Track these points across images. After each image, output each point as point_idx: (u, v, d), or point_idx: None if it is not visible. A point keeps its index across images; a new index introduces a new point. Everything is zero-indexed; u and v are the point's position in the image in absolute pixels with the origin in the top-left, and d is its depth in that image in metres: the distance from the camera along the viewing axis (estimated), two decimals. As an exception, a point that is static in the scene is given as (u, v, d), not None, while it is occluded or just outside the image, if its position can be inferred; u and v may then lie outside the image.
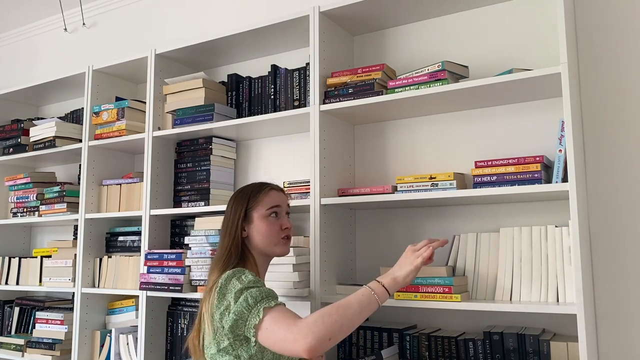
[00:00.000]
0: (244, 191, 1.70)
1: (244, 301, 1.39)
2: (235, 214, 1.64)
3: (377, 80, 1.94)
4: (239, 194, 1.70)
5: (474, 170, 1.75)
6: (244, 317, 1.38)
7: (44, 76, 2.98)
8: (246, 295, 1.40)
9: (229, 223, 1.64)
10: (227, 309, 1.41)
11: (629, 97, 1.76)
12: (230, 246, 1.59)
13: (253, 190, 1.68)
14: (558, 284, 1.64)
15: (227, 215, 1.67)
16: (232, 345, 1.41)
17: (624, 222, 1.72)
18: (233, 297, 1.40)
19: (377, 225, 2.12)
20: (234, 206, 1.67)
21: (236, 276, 1.46)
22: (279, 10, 2.47)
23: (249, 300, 1.39)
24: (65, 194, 2.73)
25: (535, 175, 1.65)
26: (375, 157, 2.16)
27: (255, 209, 1.64)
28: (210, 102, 2.30)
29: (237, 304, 1.39)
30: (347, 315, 1.34)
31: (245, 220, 1.64)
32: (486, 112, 1.96)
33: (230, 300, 1.41)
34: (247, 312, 1.38)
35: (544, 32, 1.88)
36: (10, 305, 3.02)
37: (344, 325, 1.33)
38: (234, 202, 1.68)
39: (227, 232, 1.63)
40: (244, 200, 1.66)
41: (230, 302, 1.40)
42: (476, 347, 1.72)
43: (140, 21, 3.03)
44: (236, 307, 1.39)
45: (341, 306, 1.35)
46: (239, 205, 1.65)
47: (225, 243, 1.61)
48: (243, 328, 1.39)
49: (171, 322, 2.40)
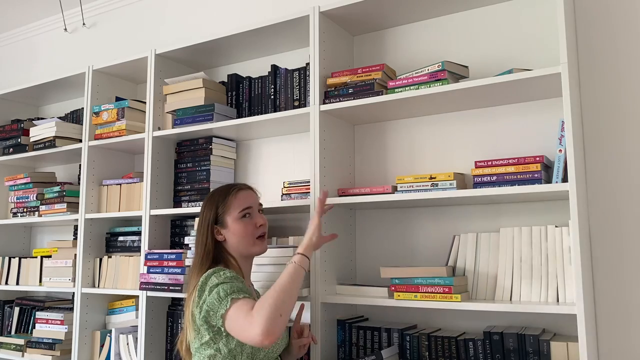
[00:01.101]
0: (213, 196, 1.74)
1: (216, 294, 1.48)
2: (205, 221, 1.70)
3: (377, 80, 1.94)
4: (208, 200, 1.74)
5: (474, 170, 1.75)
6: (215, 308, 1.47)
7: (44, 76, 2.98)
8: (219, 289, 1.49)
9: (200, 229, 1.70)
10: (204, 301, 1.50)
11: (629, 97, 1.76)
12: (203, 252, 1.67)
13: (221, 194, 1.72)
14: (558, 284, 1.64)
15: (200, 220, 1.72)
16: (213, 339, 1.51)
17: (624, 222, 1.72)
18: (208, 291, 1.50)
19: (377, 225, 2.12)
20: (204, 212, 1.71)
21: (215, 273, 1.54)
22: (279, 10, 2.47)
23: (220, 292, 1.48)
24: (65, 194, 2.73)
25: (535, 175, 1.65)
26: (375, 157, 2.16)
27: (227, 213, 1.69)
28: (210, 102, 2.30)
29: (210, 297, 1.49)
30: (284, 289, 1.47)
31: (220, 225, 1.69)
32: (486, 112, 1.96)
33: (207, 294, 1.50)
34: (217, 303, 1.47)
35: (544, 32, 1.88)
36: (10, 305, 3.02)
37: (285, 299, 1.46)
38: (204, 208, 1.72)
39: (199, 238, 1.70)
40: (212, 206, 1.71)
41: (207, 296, 1.50)
42: (476, 347, 1.72)
43: (140, 21, 3.03)
44: (210, 299, 1.48)
45: (277, 285, 1.49)
46: (209, 211, 1.70)
47: (199, 250, 1.68)
48: (214, 318, 1.48)
49: (171, 322, 2.40)
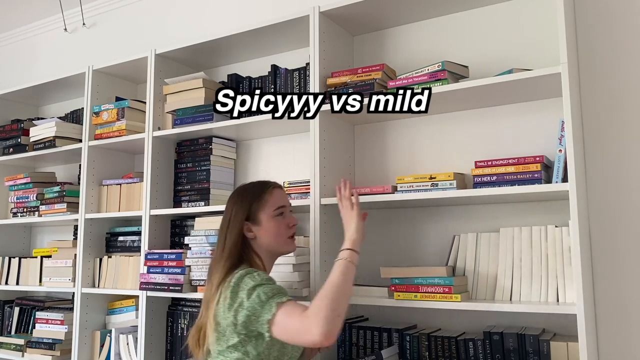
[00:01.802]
0: (245, 192, 1.69)
1: (257, 297, 1.42)
2: (237, 216, 1.64)
3: (377, 80, 1.94)
4: (241, 195, 1.68)
5: (474, 170, 1.75)
6: (257, 313, 1.42)
7: (44, 76, 2.98)
8: (258, 292, 1.43)
9: (229, 224, 1.64)
10: (240, 305, 1.44)
11: (629, 97, 1.76)
12: (232, 247, 1.60)
13: (255, 191, 1.68)
14: (558, 284, 1.64)
15: (228, 216, 1.66)
16: (242, 342, 1.46)
17: (624, 222, 1.72)
18: (246, 294, 1.44)
19: (377, 225, 2.12)
20: (235, 207, 1.65)
21: (248, 275, 1.49)
22: (279, 10, 2.47)
23: (261, 296, 1.43)
24: (65, 194, 2.73)
25: (535, 175, 1.65)
26: (375, 157, 2.16)
27: (262, 210, 1.64)
28: (210, 102, 2.30)
29: (249, 301, 1.43)
30: (339, 288, 1.43)
31: (252, 222, 1.64)
32: (486, 112, 1.96)
33: (243, 297, 1.44)
34: (259, 308, 1.42)
35: (544, 32, 1.88)
36: (10, 305, 3.02)
37: (341, 298, 1.41)
38: (235, 203, 1.67)
39: (228, 233, 1.63)
40: (246, 202, 1.65)
41: (243, 299, 1.44)
42: (476, 347, 1.72)
43: (140, 21, 3.03)
44: (249, 303, 1.42)
45: (331, 284, 1.44)
46: (241, 206, 1.65)
47: (227, 244, 1.61)
48: (256, 324, 1.42)
49: (171, 322, 2.40)
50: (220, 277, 1.54)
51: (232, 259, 1.58)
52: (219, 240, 1.65)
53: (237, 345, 1.46)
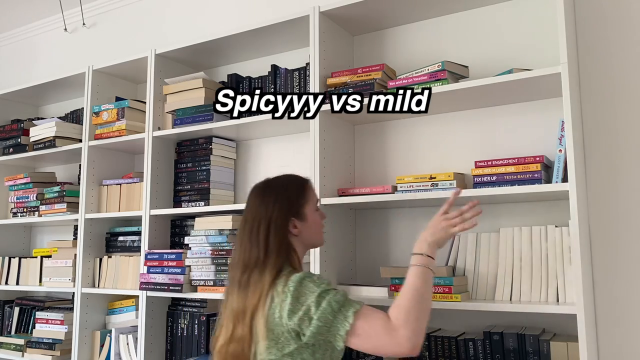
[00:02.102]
0: (283, 188, 1.54)
1: (328, 306, 1.32)
2: (281, 212, 1.49)
3: (377, 80, 1.94)
4: (281, 190, 1.53)
5: (474, 170, 1.75)
6: (329, 322, 1.32)
7: (44, 76, 2.98)
8: (329, 300, 1.33)
9: (271, 222, 1.47)
10: (306, 314, 1.32)
11: (629, 97, 1.76)
12: (279, 247, 1.46)
13: (298, 185, 1.56)
14: (558, 284, 1.64)
15: (268, 213, 1.48)
16: (299, 350, 1.35)
17: (624, 222, 1.72)
18: (314, 302, 1.32)
19: (377, 225, 2.12)
20: (276, 203, 1.50)
21: (308, 278, 1.38)
22: (279, 10, 2.47)
23: (332, 305, 1.32)
24: (65, 194, 2.73)
25: (535, 175, 1.65)
26: (375, 157, 2.16)
27: (307, 204, 1.54)
28: (210, 102, 2.30)
29: (320, 310, 1.32)
30: (424, 299, 1.35)
31: (298, 217, 1.51)
32: (486, 112, 1.96)
33: (311, 305, 1.33)
34: (332, 317, 1.31)
35: (544, 32, 1.88)
36: (10, 305, 3.02)
37: (426, 309, 1.34)
38: (276, 199, 1.50)
39: (272, 231, 1.46)
40: (286, 198, 1.52)
41: (311, 307, 1.32)
42: (476, 347, 1.72)
43: (140, 21, 3.03)
44: (320, 313, 1.32)
45: (415, 294, 1.35)
46: (283, 202, 1.50)
47: (272, 244, 1.45)
48: (327, 334, 1.32)
49: (171, 322, 2.40)
50: (269, 283, 1.39)
51: (280, 261, 1.43)
52: (253, 241, 1.46)
53: (293, 353, 1.35)
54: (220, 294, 2.09)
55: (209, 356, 2.25)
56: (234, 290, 1.45)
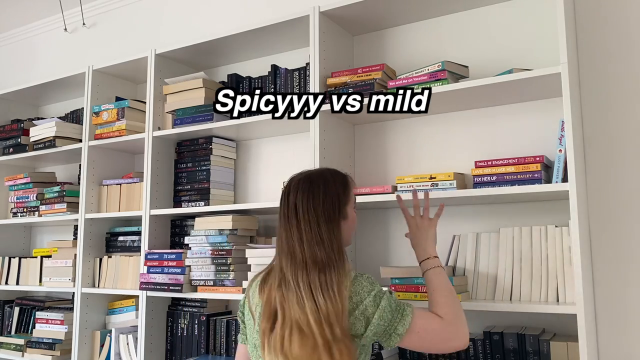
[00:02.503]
0: (329, 184, 1.43)
1: (388, 305, 1.31)
2: (333, 210, 1.39)
3: (377, 80, 1.94)
4: (329, 189, 1.42)
5: (474, 170, 1.75)
6: (387, 321, 1.31)
7: (44, 76, 2.98)
8: (387, 299, 1.32)
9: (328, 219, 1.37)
10: (363, 313, 1.30)
11: (629, 97, 1.76)
12: (341, 245, 1.38)
13: (342, 182, 1.47)
14: (558, 284, 1.64)
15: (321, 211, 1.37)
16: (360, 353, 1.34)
17: (624, 222, 1.72)
18: (372, 302, 1.31)
19: (377, 225, 2.12)
20: (328, 202, 1.39)
21: (362, 277, 1.36)
22: (279, 10, 2.47)
23: (391, 304, 1.32)
24: (65, 194, 2.73)
25: (535, 175, 1.65)
26: (375, 157, 2.16)
27: (349, 202, 1.46)
28: (210, 102, 2.30)
29: (380, 309, 1.30)
30: (454, 294, 1.43)
31: (343, 216, 1.42)
32: (486, 112, 1.96)
33: (368, 305, 1.30)
34: (390, 316, 1.31)
35: (544, 32, 1.88)
36: (10, 305, 3.02)
37: (459, 303, 1.42)
38: (326, 197, 1.40)
39: (334, 228, 1.37)
40: (338, 197, 1.42)
41: (368, 307, 1.30)
42: (476, 347, 1.72)
43: (140, 21, 3.03)
44: (380, 312, 1.30)
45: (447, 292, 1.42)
46: (335, 201, 1.41)
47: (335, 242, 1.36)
48: (382, 334, 1.32)
49: (171, 322, 2.40)
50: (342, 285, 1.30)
51: (341, 260, 1.35)
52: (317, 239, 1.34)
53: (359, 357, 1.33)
54: (220, 294, 2.09)
55: (208, 356, 2.25)
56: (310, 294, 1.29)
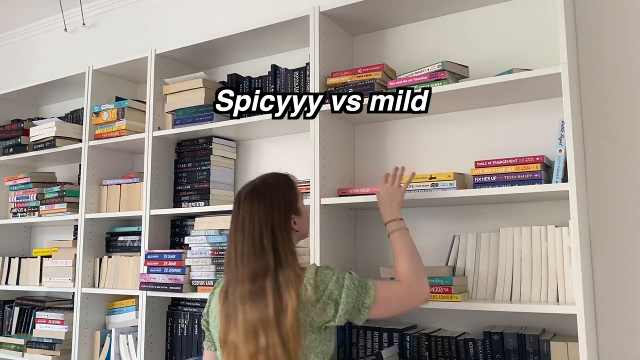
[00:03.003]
0: (277, 185, 1.51)
1: (351, 283, 1.41)
2: (282, 211, 1.46)
3: (377, 80, 1.94)
4: (274, 190, 1.49)
5: (474, 170, 1.75)
6: (354, 298, 1.40)
7: (44, 76, 2.98)
8: (349, 279, 1.42)
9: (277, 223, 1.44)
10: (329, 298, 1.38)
11: (629, 97, 1.76)
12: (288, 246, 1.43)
13: (287, 182, 1.55)
14: (558, 284, 1.64)
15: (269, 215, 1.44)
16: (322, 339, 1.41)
17: (624, 222, 1.72)
18: (335, 286, 1.39)
19: (377, 225, 2.12)
20: (274, 204, 1.46)
21: (323, 269, 1.42)
22: (279, 10, 2.47)
23: (354, 282, 1.42)
24: (65, 194, 2.73)
25: (535, 175, 1.65)
26: (375, 157, 2.16)
27: (298, 200, 1.54)
28: (210, 102, 2.30)
29: (344, 289, 1.39)
30: (416, 254, 1.56)
31: (295, 213, 1.51)
32: (486, 112, 1.96)
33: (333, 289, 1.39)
34: (356, 292, 1.40)
35: (544, 32, 1.88)
36: (10, 305, 3.02)
37: (421, 261, 1.55)
38: (273, 199, 1.47)
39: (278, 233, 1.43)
40: (285, 197, 1.49)
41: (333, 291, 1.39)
42: (476, 347, 1.72)
43: (140, 21, 3.03)
44: (345, 291, 1.39)
45: (409, 254, 1.54)
46: (282, 200, 1.48)
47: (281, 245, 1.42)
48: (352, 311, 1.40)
49: (171, 322, 2.40)
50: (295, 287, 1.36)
51: (293, 261, 1.41)
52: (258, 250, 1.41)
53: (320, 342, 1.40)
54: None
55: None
56: (242, 306, 1.37)
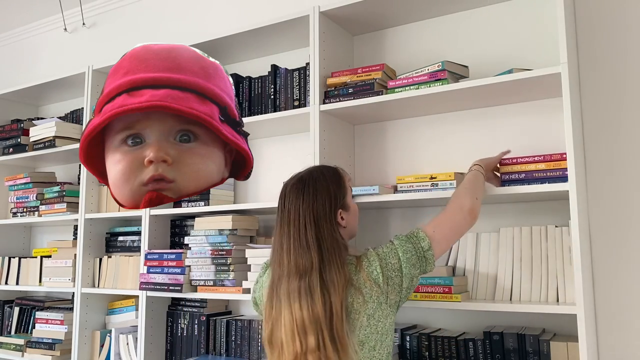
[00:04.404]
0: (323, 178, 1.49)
1: (399, 243, 1.42)
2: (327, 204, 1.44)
3: (377, 80, 1.94)
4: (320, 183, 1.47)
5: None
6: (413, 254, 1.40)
7: (44, 76, 2.98)
8: (399, 241, 1.43)
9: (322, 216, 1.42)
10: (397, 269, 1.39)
11: (629, 97, 1.76)
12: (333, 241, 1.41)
13: (335, 175, 1.52)
14: (558, 284, 1.64)
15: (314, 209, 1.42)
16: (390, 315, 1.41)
17: (624, 222, 1.72)
18: (395, 258, 1.40)
19: (377, 225, 2.12)
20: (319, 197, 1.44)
21: (373, 251, 1.42)
22: (279, 10, 2.47)
23: (401, 239, 1.43)
24: (65, 194, 2.73)
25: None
26: (375, 157, 2.16)
27: (347, 195, 1.51)
28: (210, 102, 2.29)
29: (399, 250, 1.40)
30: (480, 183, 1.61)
31: (344, 208, 1.48)
32: (486, 112, 1.96)
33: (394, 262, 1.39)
34: (412, 246, 1.41)
35: (544, 32, 1.88)
36: (10, 305, 3.02)
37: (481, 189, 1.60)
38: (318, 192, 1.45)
39: (323, 227, 1.41)
40: (331, 188, 1.47)
41: (395, 263, 1.39)
42: (476, 347, 1.72)
43: (140, 21, 3.03)
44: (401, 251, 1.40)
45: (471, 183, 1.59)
46: (328, 193, 1.46)
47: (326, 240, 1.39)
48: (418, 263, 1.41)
49: (171, 322, 2.40)
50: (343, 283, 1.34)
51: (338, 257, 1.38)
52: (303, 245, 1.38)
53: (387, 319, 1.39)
54: (220, 294, 2.09)
55: (208, 356, 2.25)
56: (288, 303, 1.34)
